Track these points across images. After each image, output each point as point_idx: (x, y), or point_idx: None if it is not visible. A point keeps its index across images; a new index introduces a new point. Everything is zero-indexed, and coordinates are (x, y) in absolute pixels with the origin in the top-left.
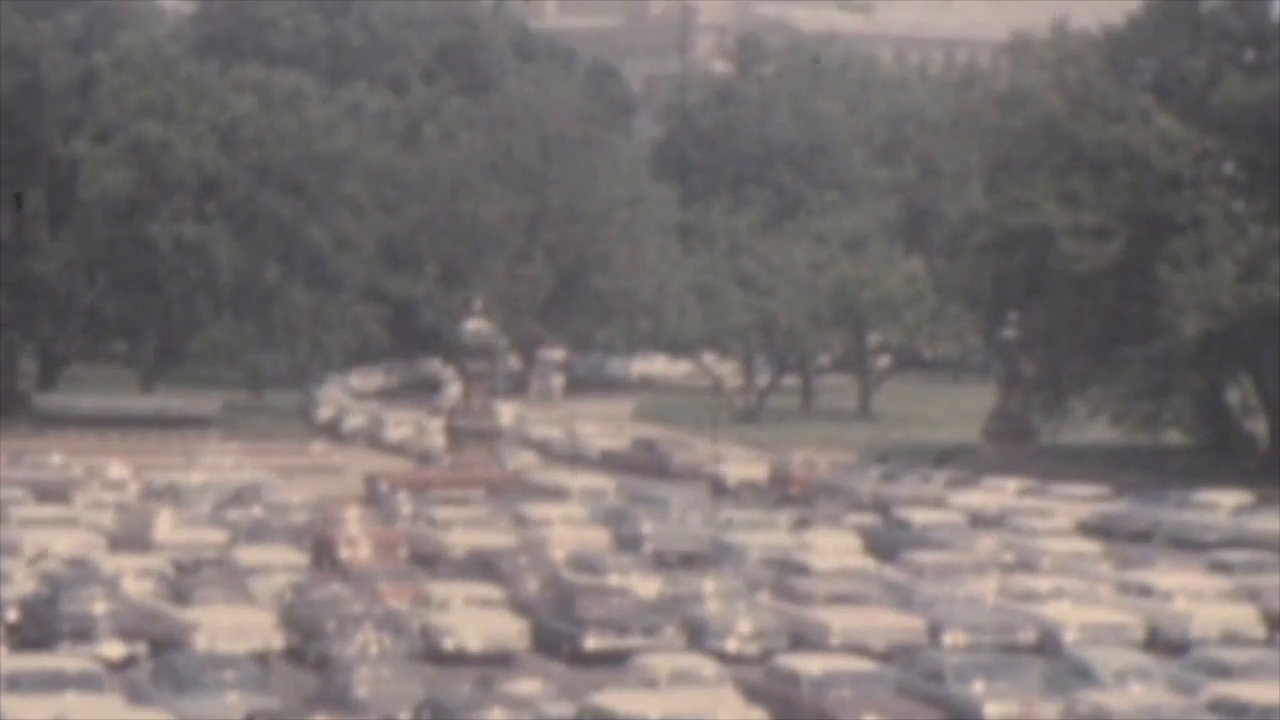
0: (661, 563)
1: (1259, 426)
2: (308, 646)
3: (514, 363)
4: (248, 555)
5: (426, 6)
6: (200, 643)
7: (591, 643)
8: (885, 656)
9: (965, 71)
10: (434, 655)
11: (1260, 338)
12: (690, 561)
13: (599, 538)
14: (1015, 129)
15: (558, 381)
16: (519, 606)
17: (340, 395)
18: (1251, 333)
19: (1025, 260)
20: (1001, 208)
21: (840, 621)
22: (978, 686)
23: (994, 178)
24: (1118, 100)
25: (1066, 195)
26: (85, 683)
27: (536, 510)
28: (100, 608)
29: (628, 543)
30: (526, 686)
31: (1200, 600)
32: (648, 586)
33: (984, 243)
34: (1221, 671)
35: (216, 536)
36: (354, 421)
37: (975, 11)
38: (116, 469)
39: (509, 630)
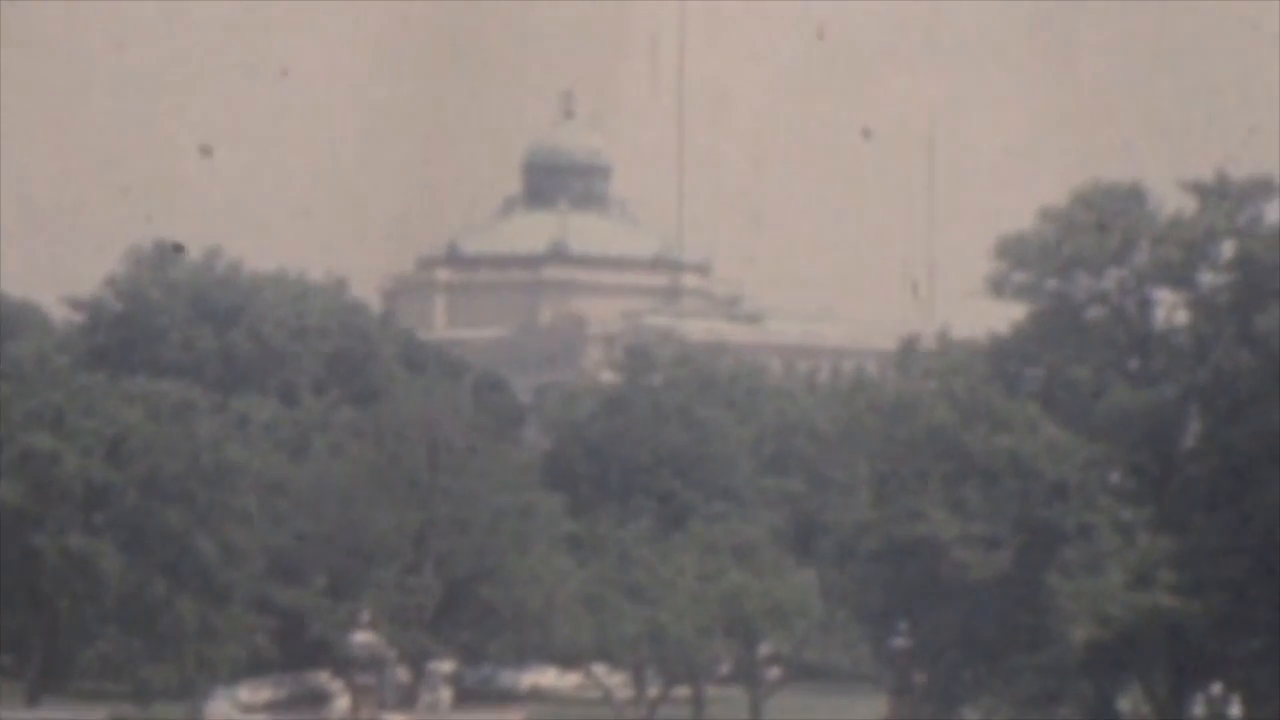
0: None
1: None
2: None
3: (402, 675)
4: None
5: (316, 317)
6: None
7: None
8: None
9: (852, 381)
10: None
11: (1150, 646)
12: None
13: None
14: (903, 438)
15: (446, 694)
16: None
17: (228, 708)
18: (1141, 641)
19: (914, 569)
20: (890, 517)
21: None
22: None
23: (882, 487)
24: (1005, 409)
25: (955, 504)
26: None
27: None
28: None
29: None
30: None
31: None
32: None
33: (873, 552)
34: None
35: None
36: None
37: (862, 321)
38: None
39: None
